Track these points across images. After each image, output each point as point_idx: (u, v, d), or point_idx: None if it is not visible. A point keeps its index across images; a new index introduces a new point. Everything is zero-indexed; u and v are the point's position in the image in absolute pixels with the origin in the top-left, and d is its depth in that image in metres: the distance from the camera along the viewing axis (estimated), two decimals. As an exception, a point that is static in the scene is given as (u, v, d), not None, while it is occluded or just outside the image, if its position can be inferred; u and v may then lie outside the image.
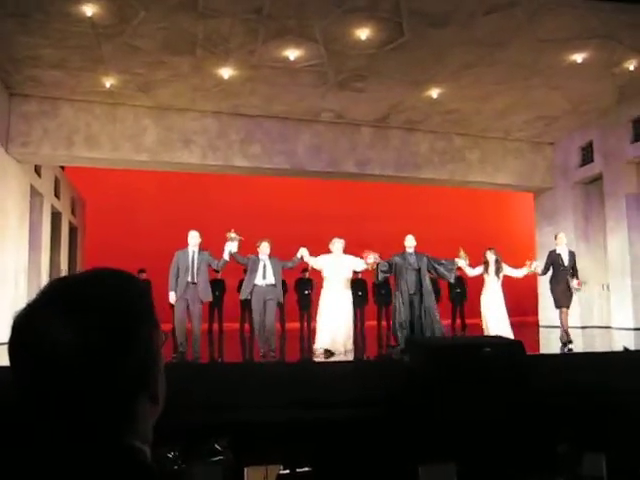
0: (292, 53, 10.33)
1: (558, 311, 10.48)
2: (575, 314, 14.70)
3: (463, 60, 10.77)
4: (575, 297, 10.66)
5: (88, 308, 0.89)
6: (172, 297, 8.85)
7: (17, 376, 0.88)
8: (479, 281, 10.38)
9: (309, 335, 14.98)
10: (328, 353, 8.99)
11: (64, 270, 15.33)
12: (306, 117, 13.53)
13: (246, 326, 14.55)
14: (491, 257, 10.20)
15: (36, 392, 0.87)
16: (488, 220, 20.63)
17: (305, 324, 15.67)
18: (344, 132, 13.98)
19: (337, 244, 9.88)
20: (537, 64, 10.90)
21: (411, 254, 9.92)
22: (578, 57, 10.54)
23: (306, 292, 15.70)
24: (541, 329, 15.16)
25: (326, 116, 13.52)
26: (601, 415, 3.02)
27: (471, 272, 10.36)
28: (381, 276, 10.00)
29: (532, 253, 16.10)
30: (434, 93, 12.16)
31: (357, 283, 14.97)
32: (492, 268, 10.16)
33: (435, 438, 2.78)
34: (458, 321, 16.82)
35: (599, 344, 11.46)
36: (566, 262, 10.45)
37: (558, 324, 13.35)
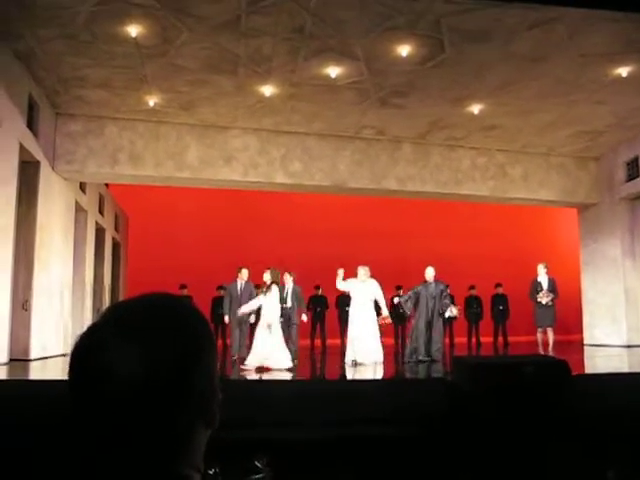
0: (333, 71, 10.38)
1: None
2: (622, 332, 14.44)
3: (504, 76, 10.70)
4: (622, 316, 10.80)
5: (159, 333, 0.88)
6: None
7: (78, 403, 0.87)
8: (523, 299, 10.39)
9: (324, 350, 15.11)
10: (355, 364, 10.38)
11: (107, 285, 15.55)
12: (347, 134, 13.56)
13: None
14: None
15: (97, 420, 0.86)
16: (531, 236, 20.41)
17: (318, 340, 16.31)
18: (385, 148, 13.97)
19: (361, 271, 11.20)
20: (580, 79, 10.78)
21: (431, 284, 11.49)
22: (623, 71, 10.39)
23: (318, 309, 15.91)
24: (586, 347, 14.90)
25: (367, 133, 13.54)
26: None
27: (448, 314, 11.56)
28: (408, 310, 11.63)
29: (577, 269, 15.88)
30: (475, 109, 12.10)
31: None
32: None
33: (476, 459, 2.73)
34: (500, 339, 16.65)
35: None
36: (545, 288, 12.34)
37: (604, 343, 13.16)
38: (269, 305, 10.12)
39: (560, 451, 2.66)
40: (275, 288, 10.46)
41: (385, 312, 11.12)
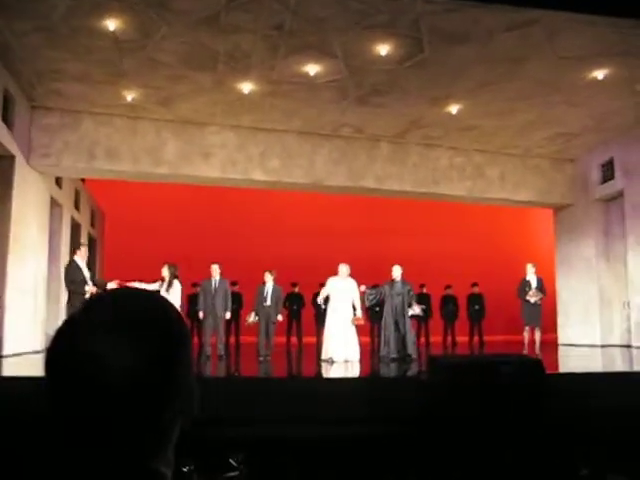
0: (312, 69, 10.38)
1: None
2: (595, 332, 14.60)
3: (482, 77, 10.76)
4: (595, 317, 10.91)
5: (143, 327, 0.87)
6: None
7: (55, 396, 0.85)
8: (499, 298, 10.45)
9: (300, 348, 15.17)
10: (331, 361, 10.52)
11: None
12: (326, 132, 13.56)
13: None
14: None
15: (77, 415, 0.84)
16: (508, 235, 20.56)
17: (294, 338, 16.32)
18: (363, 147, 13.99)
19: (343, 269, 11.34)
20: (557, 81, 10.87)
21: (397, 282, 11.63)
22: (599, 74, 10.50)
23: (294, 307, 15.93)
24: (559, 347, 15.04)
25: (346, 131, 13.55)
26: (624, 437, 2.98)
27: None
28: (368, 303, 11.91)
29: (552, 269, 16.02)
30: (453, 109, 12.16)
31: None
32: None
33: (452, 459, 2.75)
34: (476, 338, 16.75)
35: (620, 363, 11.34)
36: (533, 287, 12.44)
37: (577, 342, 13.37)
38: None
39: (535, 449, 2.68)
40: (177, 284, 10.43)
41: (359, 313, 11.19)
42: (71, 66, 10.26)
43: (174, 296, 10.01)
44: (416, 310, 11.62)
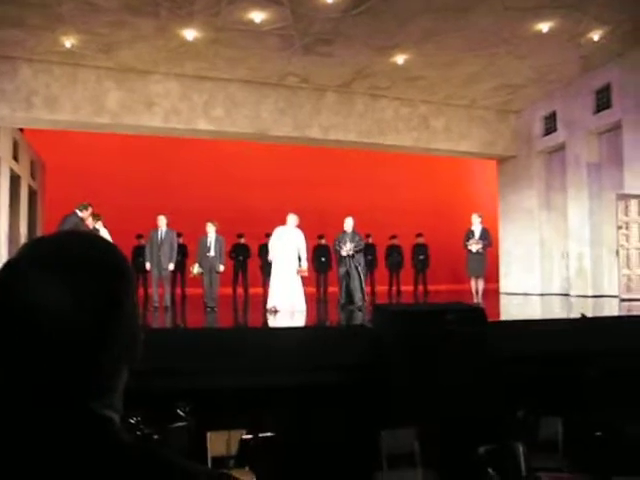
0: (257, 16, 10.19)
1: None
2: (536, 281, 14.98)
3: (428, 26, 10.72)
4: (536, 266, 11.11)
5: (84, 268, 0.85)
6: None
7: None
8: (443, 249, 10.61)
9: (246, 299, 15.27)
10: (274, 310, 10.69)
11: (24, 234, 15.09)
12: (271, 81, 13.41)
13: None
14: None
15: (16, 355, 0.82)
16: (452, 187, 20.79)
17: (240, 289, 16.45)
18: (309, 97, 13.90)
19: (291, 219, 11.40)
20: (502, 32, 10.91)
21: (348, 234, 11.92)
22: (544, 26, 10.57)
23: (240, 258, 15.95)
24: (501, 296, 15.39)
25: (291, 80, 13.41)
26: (558, 381, 3.08)
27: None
28: (340, 250, 12.01)
29: (495, 220, 16.29)
30: (400, 59, 12.12)
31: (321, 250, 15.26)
32: None
33: (397, 403, 2.80)
34: (420, 287, 17.01)
35: (558, 311, 11.67)
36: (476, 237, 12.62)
37: (519, 291, 13.72)
38: None
39: (477, 393, 2.76)
40: (104, 232, 10.56)
41: (304, 264, 11.28)
42: (5, 10, 9.83)
43: None
44: (344, 249, 11.85)
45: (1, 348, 0.83)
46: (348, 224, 11.92)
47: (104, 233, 10.36)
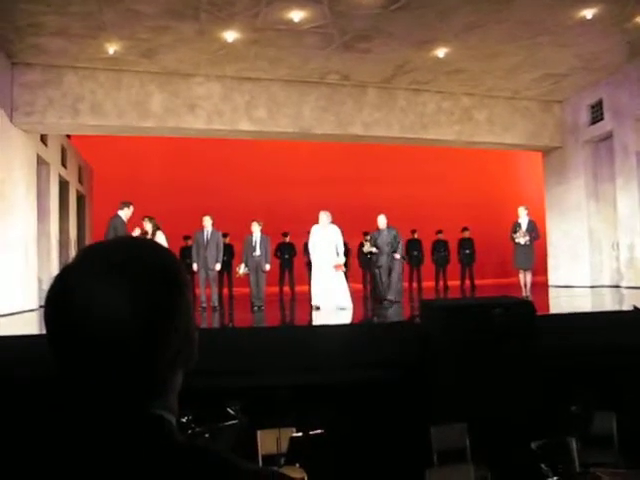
0: (296, 15, 10.20)
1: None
2: (585, 273, 14.71)
3: (469, 19, 10.61)
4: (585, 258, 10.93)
5: (140, 274, 0.87)
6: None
7: (57, 343, 0.86)
8: (489, 243, 10.51)
9: (292, 297, 15.34)
10: (316, 308, 10.79)
11: (73, 238, 15.37)
12: (312, 79, 13.41)
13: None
14: None
15: (78, 361, 0.85)
16: (497, 180, 20.55)
17: (287, 287, 16.45)
18: (350, 94, 13.86)
19: (323, 217, 11.41)
20: (545, 21, 10.73)
21: (383, 231, 12.17)
22: (588, 13, 10.36)
23: (286, 256, 16.01)
24: (550, 289, 15.17)
25: (332, 78, 13.40)
26: (612, 375, 3.02)
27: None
28: (367, 249, 12.51)
29: (541, 213, 16.05)
30: (440, 53, 12.01)
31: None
32: None
33: (448, 399, 2.79)
34: (467, 282, 16.88)
35: (609, 303, 11.45)
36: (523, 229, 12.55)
37: (568, 284, 13.49)
38: None
39: (527, 388, 2.72)
40: (161, 235, 10.55)
41: (341, 259, 11.25)
42: (50, 19, 10.02)
43: None
44: (396, 257, 11.98)
45: (62, 354, 0.86)
46: (382, 221, 12.07)
47: (161, 238, 10.47)
